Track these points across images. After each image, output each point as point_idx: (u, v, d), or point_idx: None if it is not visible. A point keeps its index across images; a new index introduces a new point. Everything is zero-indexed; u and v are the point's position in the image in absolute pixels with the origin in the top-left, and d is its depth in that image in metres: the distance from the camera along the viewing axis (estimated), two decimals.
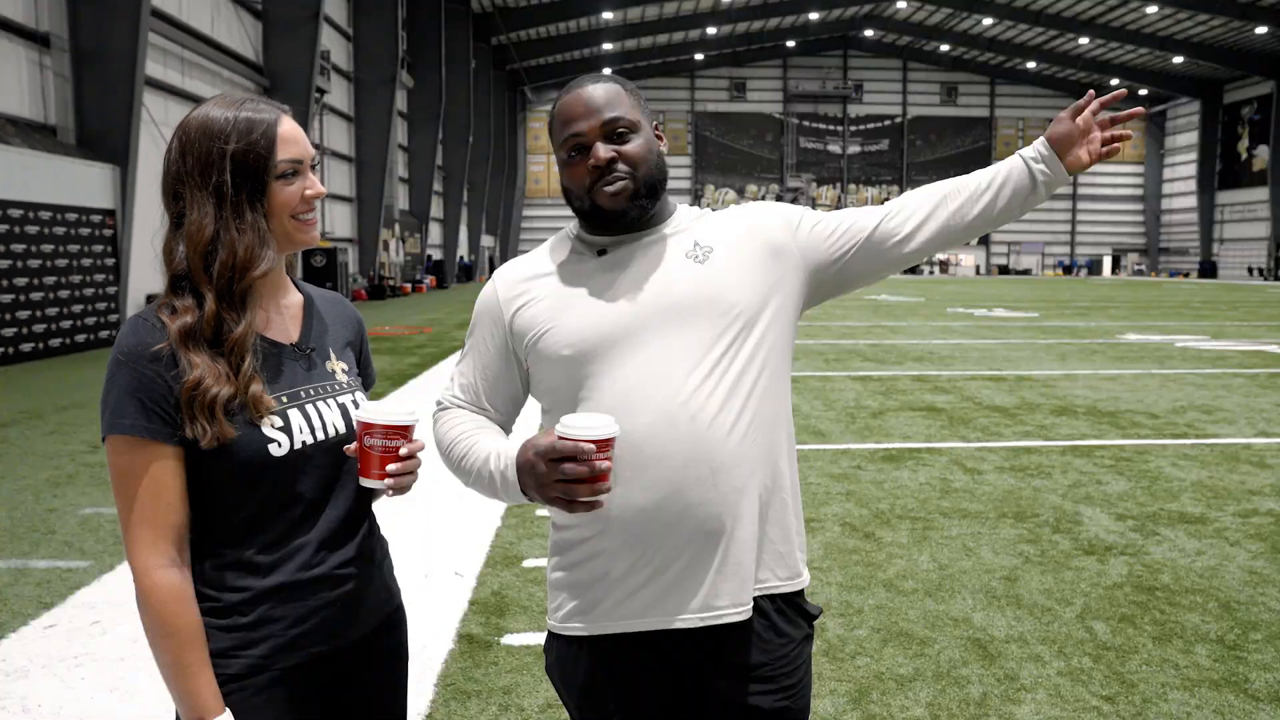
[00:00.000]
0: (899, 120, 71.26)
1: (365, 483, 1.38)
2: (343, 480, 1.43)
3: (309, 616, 1.37)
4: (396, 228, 37.34)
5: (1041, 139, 1.64)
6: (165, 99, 19.55)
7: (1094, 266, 70.15)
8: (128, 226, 16.09)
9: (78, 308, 14.62)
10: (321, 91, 27.22)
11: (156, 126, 18.63)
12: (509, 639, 3.58)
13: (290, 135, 1.37)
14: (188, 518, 1.32)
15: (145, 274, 17.57)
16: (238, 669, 1.32)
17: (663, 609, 1.46)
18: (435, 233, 46.28)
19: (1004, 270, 71.24)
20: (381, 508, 1.61)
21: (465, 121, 44.58)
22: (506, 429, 1.62)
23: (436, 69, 39.35)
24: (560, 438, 1.31)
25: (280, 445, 1.33)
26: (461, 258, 49.86)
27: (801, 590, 1.59)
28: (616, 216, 1.48)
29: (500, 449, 1.46)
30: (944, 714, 2.98)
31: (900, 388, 10.33)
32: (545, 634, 1.62)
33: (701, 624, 1.46)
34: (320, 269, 25.94)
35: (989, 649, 3.47)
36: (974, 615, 3.79)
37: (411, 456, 1.39)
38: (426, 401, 1.69)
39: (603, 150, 1.45)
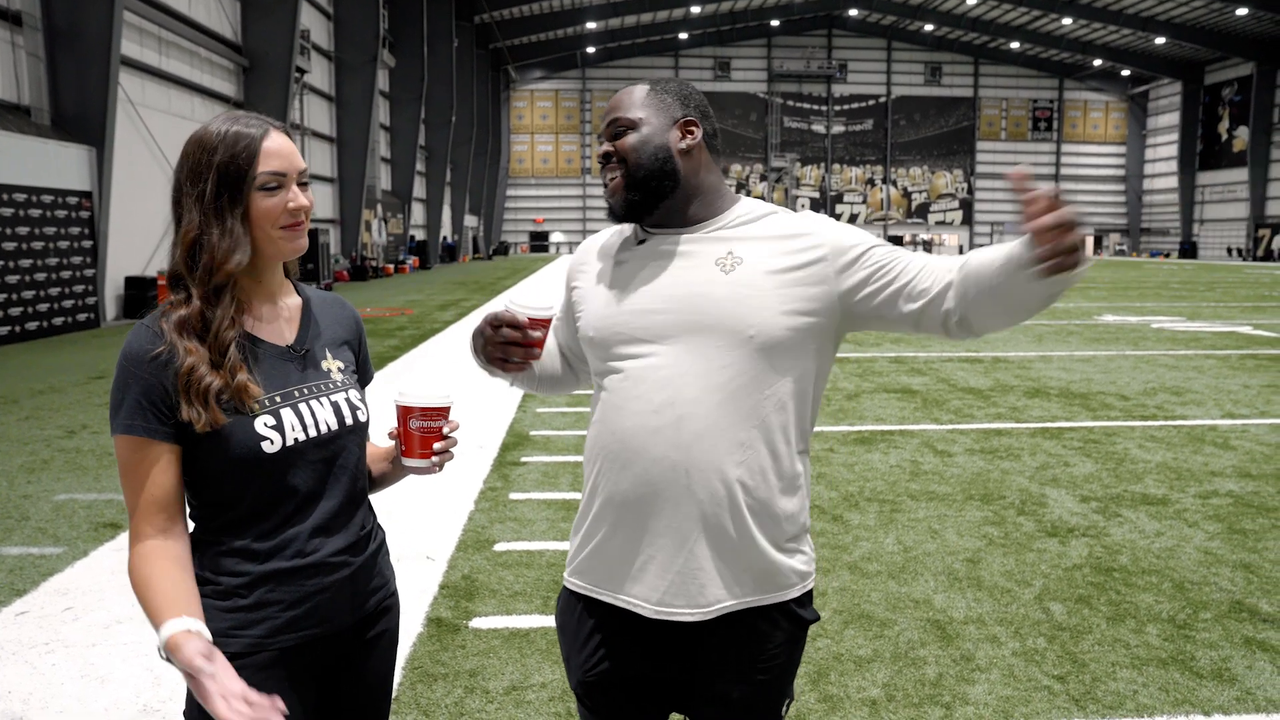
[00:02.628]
0: (883, 100, 71.25)
1: (409, 463, 1.51)
2: (335, 474, 1.51)
3: (304, 600, 1.46)
4: (379, 208, 37.14)
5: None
6: (142, 79, 19.32)
7: None
8: (105, 208, 15.96)
9: (54, 290, 14.52)
10: (302, 71, 26.96)
11: (134, 107, 18.43)
12: (477, 622, 3.63)
13: (275, 149, 1.44)
14: (182, 502, 1.44)
15: (122, 256, 17.45)
16: (238, 648, 1.41)
17: (627, 588, 1.56)
18: (418, 213, 46.05)
19: None
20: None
21: (448, 101, 44.27)
22: (578, 371, 1.84)
23: (418, 48, 39.03)
24: (506, 310, 1.58)
25: (273, 443, 1.42)
26: (445, 238, 49.66)
27: (791, 600, 1.59)
28: (611, 210, 1.60)
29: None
30: (899, 694, 3.06)
31: (877, 370, 10.43)
32: (513, 616, 1.74)
33: (656, 616, 1.54)
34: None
35: (947, 630, 3.55)
36: (935, 597, 3.88)
37: (451, 436, 1.55)
38: (403, 384, 1.81)
39: (600, 147, 1.59)
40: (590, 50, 65.14)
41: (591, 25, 57.66)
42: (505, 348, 1.57)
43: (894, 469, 6.00)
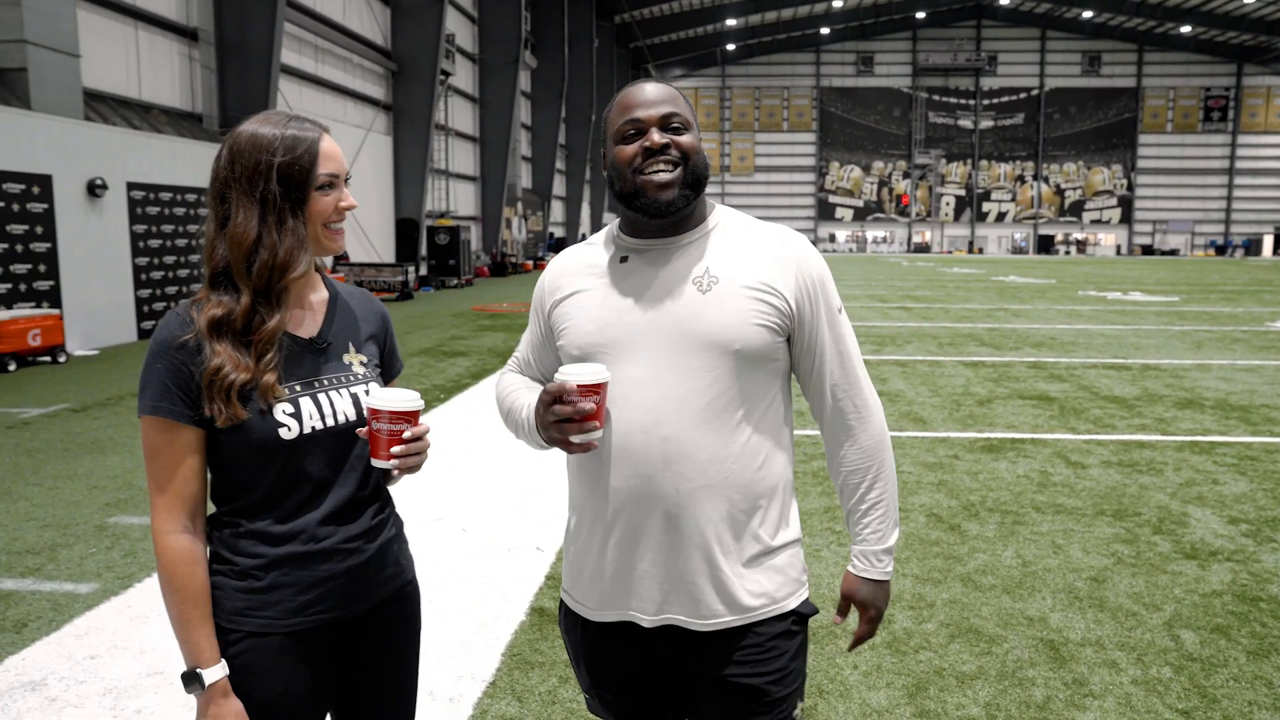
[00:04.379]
0: (1035, 93, 67.88)
1: (375, 463, 1.51)
2: (351, 463, 1.55)
3: (316, 585, 1.50)
4: (519, 205, 38.17)
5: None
6: (300, 85, 20.55)
7: (1252, 246, 65.06)
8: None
9: None
10: (446, 74, 28.01)
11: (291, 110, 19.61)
12: None
13: (329, 152, 1.51)
14: (204, 491, 1.47)
15: None
16: (252, 628, 1.47)
17: (625, 603, 1.59)
18: (558, 210, 47.07)
19: (1148, 250, 67.11)
20: (474, 487, 1.73)
21: (588, 99, 45.05)
22: None
23: (559, 48, 39.88)
24: (555, 381, 1.49)
25: (290, 430, 1.47)
26: (584, 235, 50.58)
27: (790, 610, 1.61)
28: (656, 203, 1.52)
29: (532, 400, 1.63)
30: (1001, 714, 2.93)
31: (1013, 375, 9.97)
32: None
33: (654, 625, 1.58)
34: (443, 246, 26.81)
35: (1061, 651, 3.37)
36: (1051, 615, 3.68)
37: (417, 439, 1.50)
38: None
39: (657, 135, 1.53)
40: (730, 48, 64.87)
41: (731, 22, 57.37)
42: (560, 426, 1.47)
43: (1021, 479, 5.73)
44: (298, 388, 1.50)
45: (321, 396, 1.52)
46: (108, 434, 7.05)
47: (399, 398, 1.48)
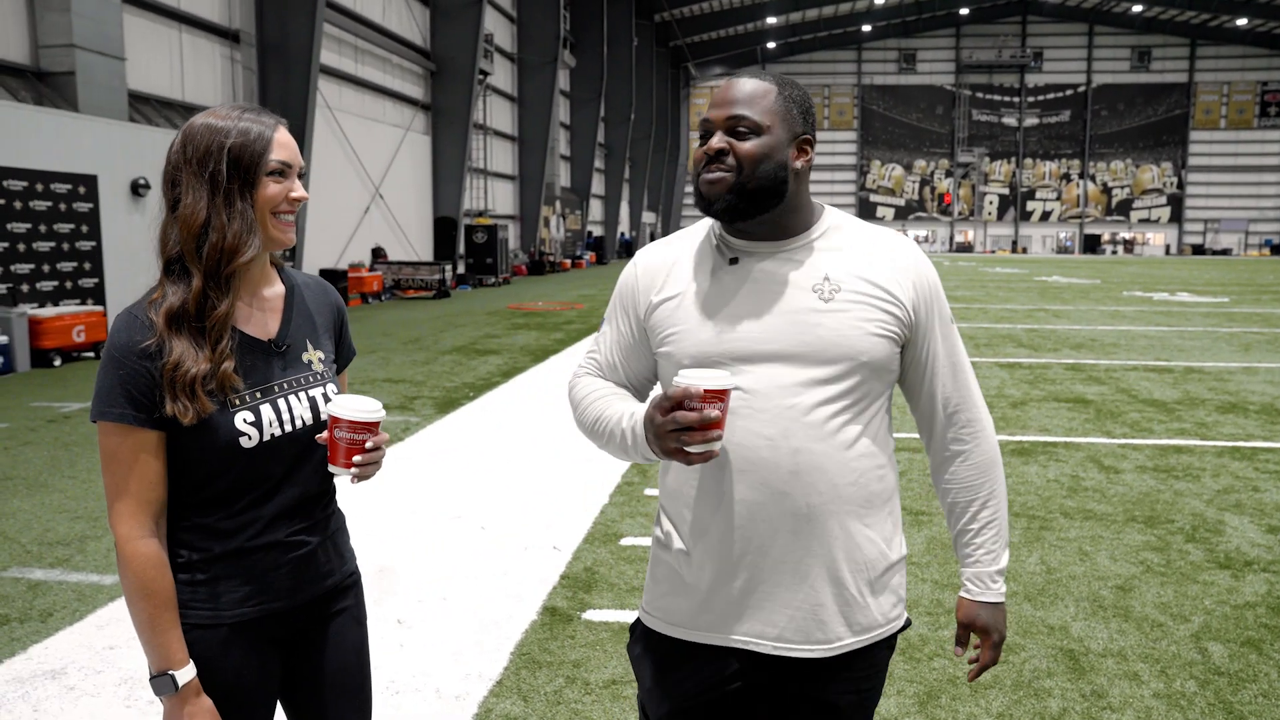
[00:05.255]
0: (1082, 89, 66.61)
1: (333, 469, 1.51)
2: (304, 463, 1.55)
3: (261, 576, 1.51)
4: (557, 204, 38.31)
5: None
6: (339, 85, 20.81)
7: None
8: (303, 205, 17.33)
9: None
10: (485, 73, 28.19)
11: (331, 112, 19.86)
12: (590, 614, 3.68)
13: (283, 141, 1.51)
14: (165, 495, 1.47)
15: (317, 250, 18.85)
16: (197, 619, 1.48)
17: (739, 627, 1.51)
18: (596, 209, 47.17)
19: (1198, 250, 65.48)
20: (496, 485, 1.73)
21: (627, 99, 45.08)
22: (641, 399, 1.68)
23: (598, 47, 39.95)
24: (676, 385, 1.37)
25: (250, 438, 1.47)
26: (622, 234, 50.62)
27: (898, 630, 1.60)
28: (709, 203, 1.49)
29: (633, 409, 1.53)
30: None
31: (1050, 376, 9.78)
32: (626, 610, 1.70)
33: (775, 653, 1.51)
34: (481, 245, 26.99)
35: (1081, 661, 3.28)
36: (1073, 624, 3.59)
37: (376, 449, 1.51)
38: (562, 375, 1.78)
39: (716, 140, 1.47)
40: (770, 46, 64.53)
41: (771, 20, 57.06)
42: (680, 435, 1.35)
43: (1050, 483, 5.61)
44: (258, 394, 1.49)
45: (281, 402, 1.52)
46: None
47: (361, 407, 1.47)
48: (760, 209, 1.48)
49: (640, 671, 1.63)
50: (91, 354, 11.22)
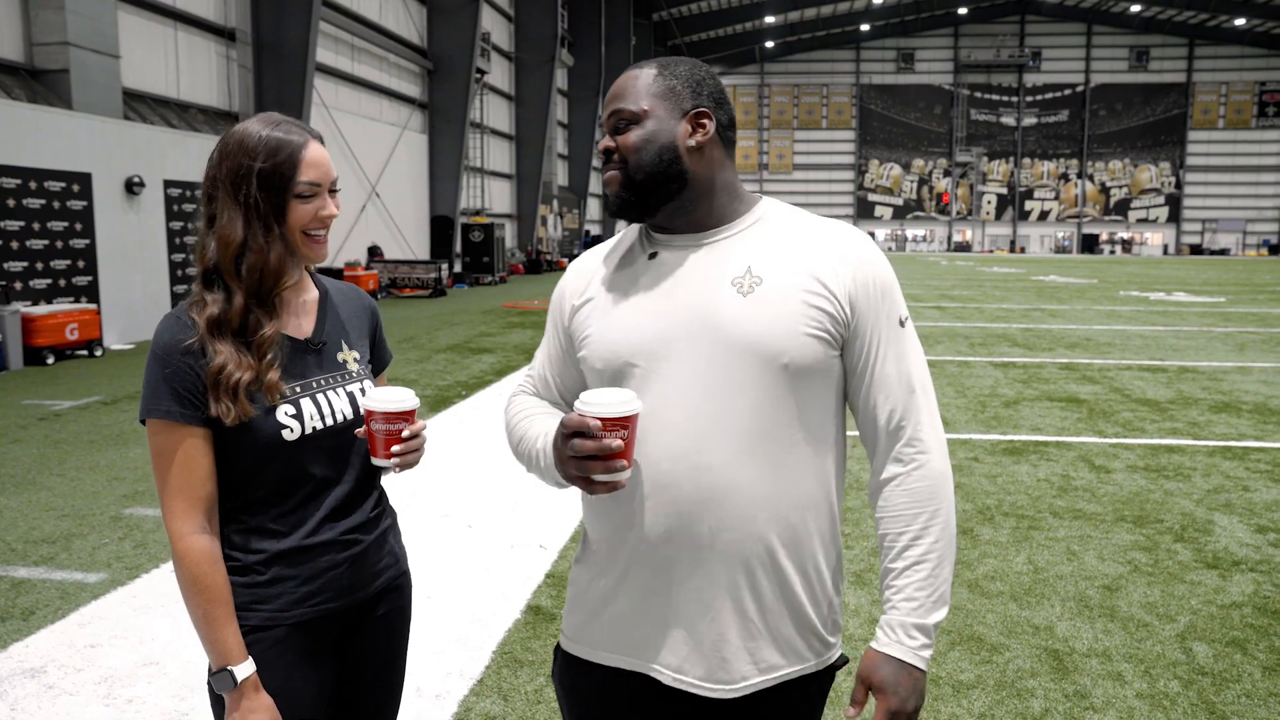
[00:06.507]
0: (1080, 89, 66.61)
1: (375, 461, 1.54)
2: (350, 459, 1.59)
3: (318, 576, 1.54)
4: (554, 203, 38.29)
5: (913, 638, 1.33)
6: (336, 84, 20.77)
7: None
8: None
9: None
10: (482, 72, 28.18)
11: (327, 110, 19.83)
12: None
13: (313, 159, 1.51)
14: (215, 490, 1.49)
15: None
16: (257, 621, 1.49)
17: (644, 654, 1.40)
18: (593, 208, 47.16)
19: (1196, 250, 65.48)
20: (485, 484, 1.73)
21: None
22: None
23: (596, 46, 39.94)
24: (573, 414, 1.26)
25: (292, 431, 1.50)
26: (620, 233, 50.56)
27: (829, 665, 1.43)
28: (609, 205, 1.42)
29: (549, 429, 1.41)
30: None
31: (1044, 376, 9.77)
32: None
33: (674, 685, 1.38)
34: (478, 244, 26.97)
35: (1065, 662, 3.27)
36: (1058, 624, 3.58)
37: (415, 437, 1.54)
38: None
39: (605, 140, 1.41)
40: (769, 45, 64.52)
41: (770, 19, 57.06)
42: (582, 464, 1.25)
43: (1041, 483, 5.60)
44: (298, 389, 1.53)
45: (320, 397, 1.55)
46: (133, 426, 7.17)
47: (393, 398, 1.50)
48: (659, 199, 1.36)
49: (563, 701, 1.52)
50: (84, 352, 11.20)
